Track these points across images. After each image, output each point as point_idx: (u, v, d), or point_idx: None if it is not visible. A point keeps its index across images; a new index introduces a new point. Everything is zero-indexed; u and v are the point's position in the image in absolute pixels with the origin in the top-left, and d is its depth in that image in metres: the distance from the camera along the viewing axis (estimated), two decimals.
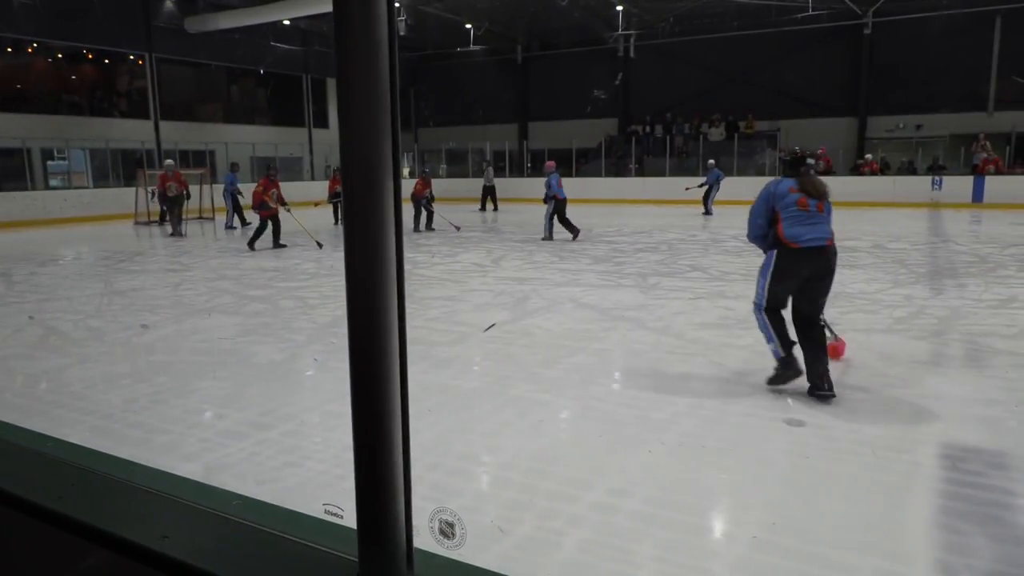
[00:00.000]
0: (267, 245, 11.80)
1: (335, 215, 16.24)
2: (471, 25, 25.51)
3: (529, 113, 28.89)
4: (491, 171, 21.78)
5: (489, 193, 20.93)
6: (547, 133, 27.29)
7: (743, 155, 22.43)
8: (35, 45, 20.70)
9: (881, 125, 22.93)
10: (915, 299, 7.05)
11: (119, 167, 20.44)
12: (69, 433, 3.82)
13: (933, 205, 18.74)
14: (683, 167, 23.23)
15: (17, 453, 1.06)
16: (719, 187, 17.40)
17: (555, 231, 12.65)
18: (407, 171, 25.89)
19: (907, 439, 3.67)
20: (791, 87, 23.61)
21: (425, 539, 0.82)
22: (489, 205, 20.88)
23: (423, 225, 14.69)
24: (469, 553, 0.86)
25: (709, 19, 23.97)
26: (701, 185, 17.56)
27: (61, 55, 21.52)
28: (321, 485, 3.22)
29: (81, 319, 6.81)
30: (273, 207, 11.60)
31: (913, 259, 9.78)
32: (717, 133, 24.17)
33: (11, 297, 8.09)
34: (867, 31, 22.43)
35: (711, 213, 17.32)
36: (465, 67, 28.79)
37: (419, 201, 14.66)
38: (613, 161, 24.98)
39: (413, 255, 10.87)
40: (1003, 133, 20.42)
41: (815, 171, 4.48)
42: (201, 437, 3.84)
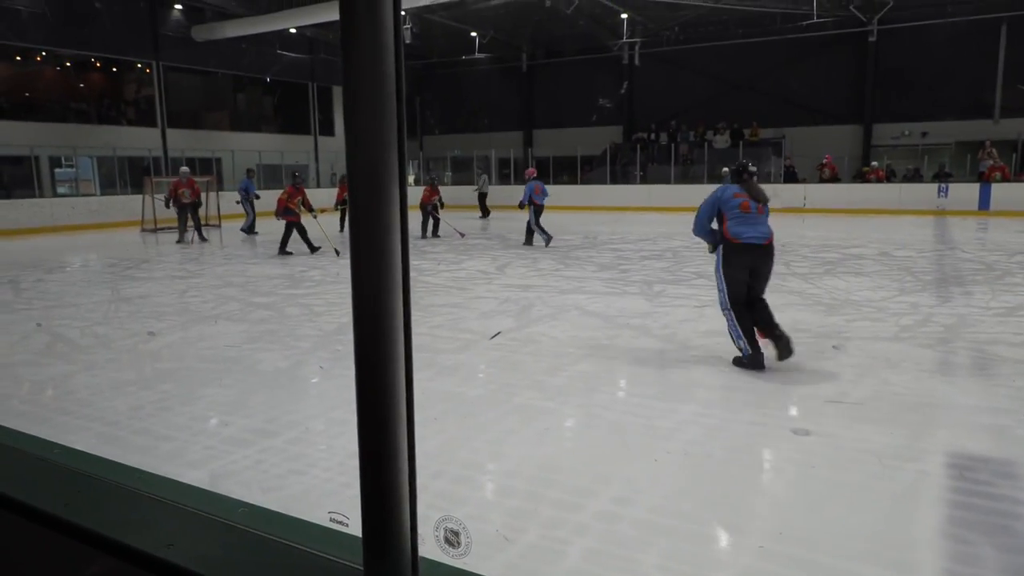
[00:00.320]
0: (285, 250, 11.85)
1: (341, 222, 16.31)
2: (476, 33, 25.61)
3: (534, 121, 28.94)
4: (484, 179, 21.96)
5: (481, 200, 21.13)
6: (552, 141, 27.32)
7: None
8: (43, 54, 20.86)
9: (886, 132, 22.89)
10: (921, 307, 7.02)
11: (126, 175, 20.59)
12: (75, 440, 3.83)
13: (939, 212, 18.69)
14: (688, 175, 23.23)
15: (23, 460, 1.07)
16: None
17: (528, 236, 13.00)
18: (412, 178, 25.96)
19: (914, 448, 3.64)
20: (796, 95, 23.59)
21: (430, 547, 0.82)
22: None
23: (430, 232, 14.80)
24: (474, 562, 0.86)
25: (713, 27, 24.01)
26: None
27: (69, 63, 21.66)
28: (326, 493, 3.22)
29: (88, 326, 6.84)
30: (298, 213, 11.96)
31: (919, 267, 9.75)
32: (722, 141, 24.15)
33: (18, 304, 8.12)
34: (872, 38, 22.42)
35: None
36: (470, 75, 28.91)
37: (426, 208, 14.74)
38: (618, 169, 25.00)
39: (418, 262, 10.88)
40: (1009, 140, 20.39)
41: (756, 179, 5.29)
42: (206, 444, 3.84)
